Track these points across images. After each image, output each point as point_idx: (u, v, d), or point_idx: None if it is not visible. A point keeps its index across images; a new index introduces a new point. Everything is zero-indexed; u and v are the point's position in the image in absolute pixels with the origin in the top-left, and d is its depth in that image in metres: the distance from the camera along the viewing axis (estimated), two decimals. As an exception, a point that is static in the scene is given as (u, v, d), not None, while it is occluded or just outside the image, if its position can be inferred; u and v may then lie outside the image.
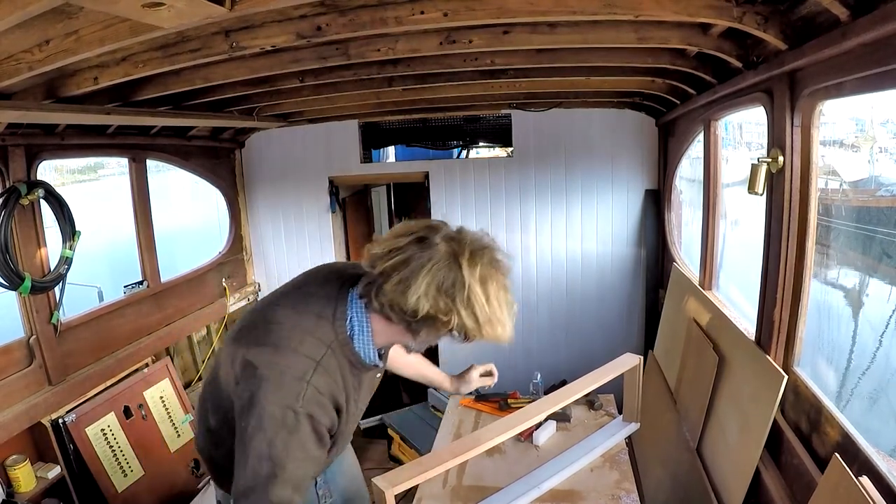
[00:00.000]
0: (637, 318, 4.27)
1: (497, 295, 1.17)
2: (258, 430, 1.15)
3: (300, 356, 1.19)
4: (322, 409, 1.20)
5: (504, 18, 1.76)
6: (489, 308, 1.14)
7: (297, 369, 1.18)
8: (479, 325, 1.15)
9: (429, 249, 1.14)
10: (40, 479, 2.59)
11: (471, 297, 1.13)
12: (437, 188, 4.31)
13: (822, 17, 1.51)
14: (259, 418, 1.15)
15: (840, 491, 1.39)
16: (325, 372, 1.21)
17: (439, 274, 1.13)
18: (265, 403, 1.15)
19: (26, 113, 2.13)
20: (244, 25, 1.80)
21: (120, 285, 3.41)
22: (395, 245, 1.17)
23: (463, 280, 1.12)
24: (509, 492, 1.93)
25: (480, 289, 1.14)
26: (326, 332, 1.24)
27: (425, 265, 1.13)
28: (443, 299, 1.12)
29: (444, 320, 1.14)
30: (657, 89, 3.19)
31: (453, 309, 1.13)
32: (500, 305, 1.17)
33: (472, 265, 1.14)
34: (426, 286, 1.12)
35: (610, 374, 2.07)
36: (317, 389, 1.18)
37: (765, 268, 2.09)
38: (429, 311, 1.13)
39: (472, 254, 1.15)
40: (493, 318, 1.16)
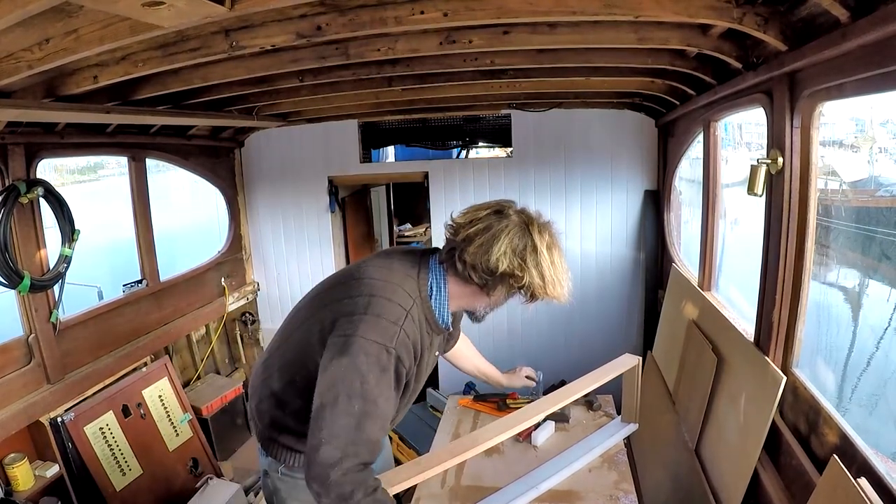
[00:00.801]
0: (636, 318, 4.27)
1: (559, 260, 1.40)
2: (352, 371, 1.24)
3: (394, 304, 1.34)
4: (408, 353, 1.33)
5: (504, 18, 1.76)
6: (553, 270, 1.37)
7: (392, 314, 1.32)
8: (545, 283, 1.36)
9: (505, 219, 1.36)
10: (39, 477, 2.59)
11: (540, 259, 1.34)
12: (436, 188, 4.31)
13: (822, 19, 1.51)
14: (354, 356, 1.25)
15: (838, 492, 1.39)
16: (412, 321, 1.35)
17: (515, 238, 1.34)
18: (363, 343, 1.26)
19: (26, 111, 2.13)
20: (244, 25, 1.79)
21: (119, 284, 3.41)
22: (475, 216, 1.40)
23: (535, 245, 1.34)
24: (508, 492, 1.93)
25: (547, 253, 1.36)
26: (412, 287, 1.40)
27: (504, 230, 1.34)
28: (518, 259, 1.33)
29: (518, 276, 1.34)
30: (657, 90, 3.19)
31: (526, 268, 1.33)
32: (561, 268, 1.40)
33: (542, 234, 1.37)
34: (505, 247, 1.32)
35: (609, 375, 2.07)
36: (406, 334, 1.32)
37: (764, 268, 2.09)
38: (506, 268, 1.32)
39: (540, 226, 1.38)
40: (556, 279, 1.39)
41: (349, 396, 1.22)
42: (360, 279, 1.41)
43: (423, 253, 1.51)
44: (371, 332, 1.28)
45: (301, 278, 4.53)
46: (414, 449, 3.71)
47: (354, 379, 1.23)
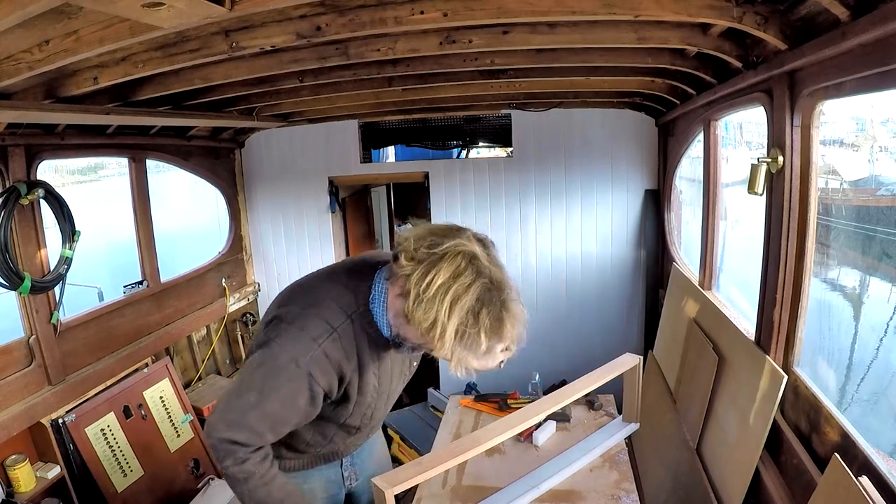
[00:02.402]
0: (637, 318, 4.27)
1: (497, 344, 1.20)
2: (260, 367, 1.28)
3: (320, 320, 1.28)
4: (322, 373, 1.28)
5: (504, 18, 1.76)
6: (461, 347, 1.18)
7: (314, 331, 1.27)
8: (451, 354, 1.20)
9: (451, 254, 1.17)
10: (40, 478, 2.59)
11: (460, 332, 1.15)
12: (436, 188, 4.31)
13: (821, 18, 1.51)
14: (265, 357, 1.27)
15: (840, 491, 1.39)
16: (339, 340, 1.29)
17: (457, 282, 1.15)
18: (277, 350, 1.26)
19: (26, 113, 2.13)
20: (244, 25, 1.79)
21: (120, 285, 3.41)
22: (423, 235, 1.22)
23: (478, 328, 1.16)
24: (509, 492, 1.93)
25: (486, 339, 1.17)
26: (349, 301, 1.32)
27: (444, 269, 1.15)
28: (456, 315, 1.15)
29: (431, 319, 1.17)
30: (657, 89, 3.19)
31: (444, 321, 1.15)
32: (471, 348, 1.18)
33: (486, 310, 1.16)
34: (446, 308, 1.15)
35: (609, 375, 2.06)
36: (325, 353, 1.27)
37: (764, 268, 2.09)
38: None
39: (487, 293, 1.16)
40: (460, 357, 1.21)
41: (249, 388, 1.28)
42: (302, 288, 1.38)
43: (374, 264, 1.39)
44: (287, 343, 1.26)
45: (301, 279, 4.53)
46: (415, 449, 3.70)
47: (259, 376, 1.28)
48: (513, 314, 1.19)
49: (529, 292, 4.35)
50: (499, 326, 1.17)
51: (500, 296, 1.17)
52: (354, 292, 1.32)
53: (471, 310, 1.13)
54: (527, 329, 1.26)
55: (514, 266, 4.33)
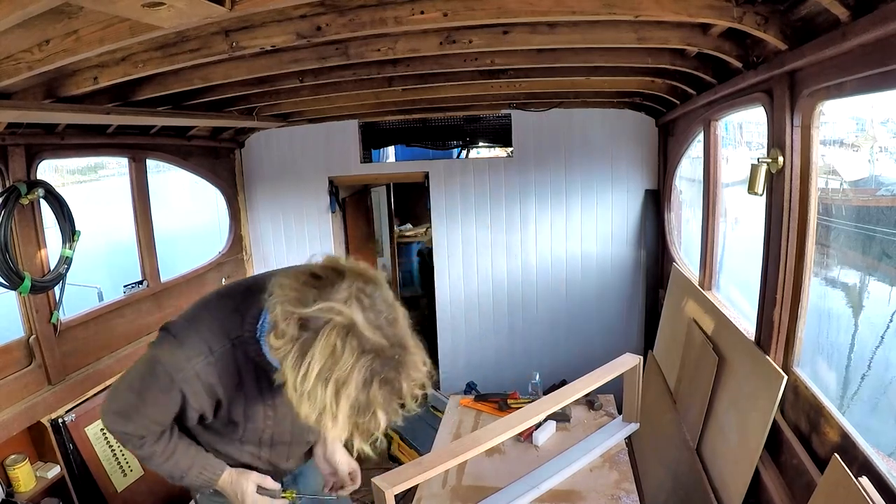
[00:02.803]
0: (637, 318, 4.28)
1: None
2: (141, 370, 1.28)
3: (199, 341, 1.23)
4: (193, 393, 1.24)
5: (504, 18, 1.76)
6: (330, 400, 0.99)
7: (190, 350, 1.22)
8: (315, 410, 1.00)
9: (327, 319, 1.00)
10: (40, 478, 2.59)
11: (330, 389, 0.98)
12: (436, 188, 4.31)
13: (821, 18, 1.51)
14: (147, 362, 1.27)
15: (840, 491, 1.39)
16: (214, 364, 1.22)
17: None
18: (155, 359, 1.24)
19: (26, 112, 2.13)
20: (244, 25, 1.79)
21: (119, 285, 3.41)
22: (292, 299, 1.03)
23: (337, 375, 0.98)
24: (509, 492, 1.93)
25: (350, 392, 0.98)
26: (234, 325, 1.24)
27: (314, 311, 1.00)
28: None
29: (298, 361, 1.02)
30: (657, 89, 3.19)
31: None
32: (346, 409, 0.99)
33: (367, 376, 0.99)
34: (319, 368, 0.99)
35: (610, 375, 2.07)
36: (197, 375, 1.22)
37: (764, 268, 2.10)
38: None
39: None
40: (363, 433, 1.03)
41: (129, 389, 1.30)
42: (204, 302, 1.32)
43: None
44: (164, 355, 1.23)
45: (301, 279, 4.53)
46: (415, 449, 3.70)
47: (138, 382, 1.28)
48: (408, 368, 1.03)
49: (529, 292, 4.36)
50: (397, 391, 1.02)
51: (391, 361, 1.00)
52: (243, 316, 1.23)
53: (359, 392, 0.98)
54: (426, 364, 1.08)
55: (514, 266, 4.34)
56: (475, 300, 4.44)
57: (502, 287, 4.39)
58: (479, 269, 4.40)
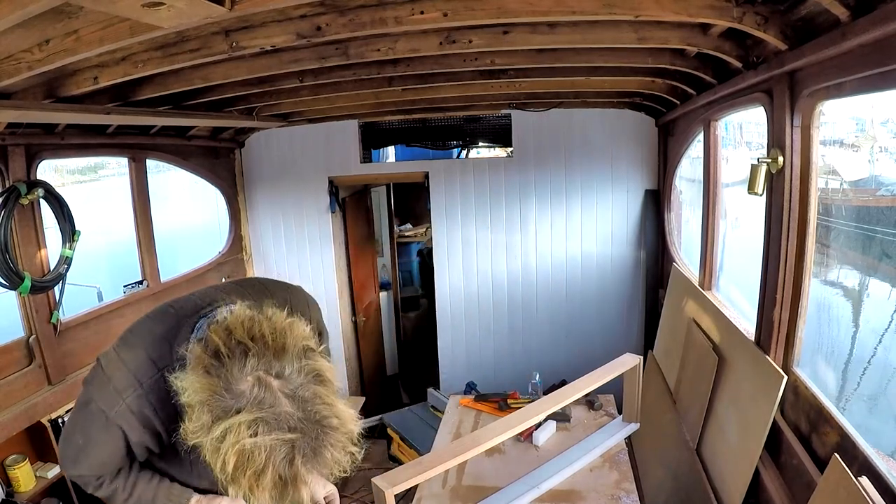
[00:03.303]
0: (637, 318, 4.28)
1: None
2: (79, 412, 1.24)
3: (128, 373, 1.17)
4: (131, 428, 1.19)
5: (504, 18, 1.76)
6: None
7: (119, 384, 1.17)
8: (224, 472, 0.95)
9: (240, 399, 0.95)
10: (40, 478, 2.59)
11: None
12: (436, 188, 4.32)
13: (821, 18, 1.51)
14: (83, 404, 1.22)
15: (840, 491, 1.39)
16: (146, 395, 1.17)
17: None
18: (88, 396, 1.21)
19: (26, 112, 2.12)
20: (244, 25, 1.80)
21: (119, 285, 3.41)
22: (202, 385, 0.97)
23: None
24: (509, 492, 1.93)
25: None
26: (163, 353, 1.18)
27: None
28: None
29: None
30: (657, 89, 3.20)
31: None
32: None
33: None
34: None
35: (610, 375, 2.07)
36: (129, 409, 1.17)
37: (764, 268, 2.10)
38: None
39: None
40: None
41: (72, 433, 1.25)
42: (127, 329, 1.26)
43: (203, 306, 1.23)
44: (95, 392, 1.19)
45: (302, 279, 4.53)
46: (415, 449, 3.71)
47: (77, 424, 1.25)
48: (330, 440, 0.97)
49: (529, 292, 4.36)
50: (319, 464, 0.97)
51: (309, 440, 0.95)
52: (171, 343, 1.16)
53: (277, 477, 0.94)
54: (356, 422, 1.03)
55: (514, 266, 4.34)
56: (475, 300, 4.44)
57: (502, 287, 4.39)
58: (479, 269, 4.40)
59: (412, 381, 5.58)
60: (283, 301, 1.25)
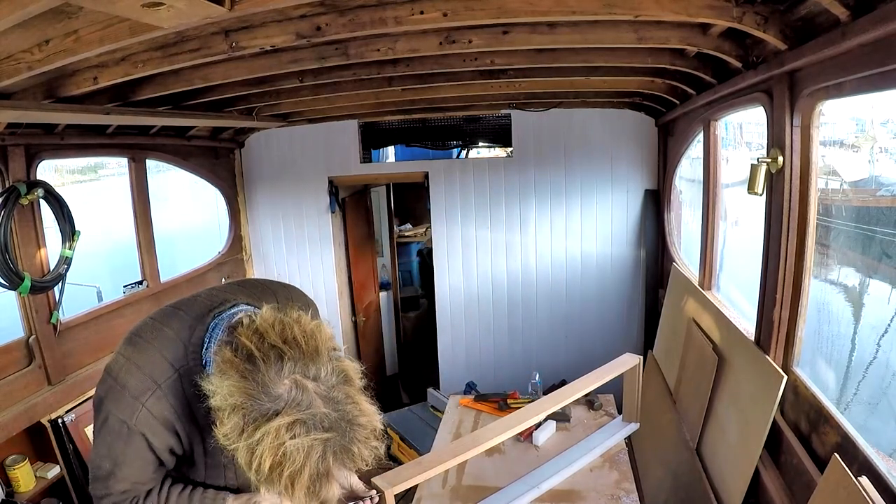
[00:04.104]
0: (637, 318, 4.28)
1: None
2: (100, 433, 1.19)
3: (143, 376, 1.15)
4: (154, 433, 1.17)
5: (504, 18, 1.76)
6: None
7: (136, 388, 1.15)
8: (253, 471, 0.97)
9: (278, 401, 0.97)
10: (40, 478, 2.59)
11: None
12: (436, 188, 4.32)
13: (821, 18, 1.51)
14: (101, 423, 1.18)
15: (840, 491, 1.39)
16: (166, 397, 1.15)
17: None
18: (105, 412, 1.17)
19: (26, 113, 2.12)
20: (244, 25, 1.80)
21: (119, 285, 3.41)
22: (236, 379, 0.98)
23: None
24: (509, 492, 1.93)
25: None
26: (177, 354, 1.17)
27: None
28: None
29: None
30: (657, 89, 3.20)
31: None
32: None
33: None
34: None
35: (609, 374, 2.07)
36: (150, 413, 1.15)
37: (764, 268, 2.10)
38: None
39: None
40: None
41: (100, 456, 1.21)
42: (133, 334, 1.23)
43: (214, 306, 1.22)
44: (112, 404, 1.15)
45: (302, 279, 4.53)
46: (415, 449, 3.71)
47: (102, 443, 1.20)
48: (359, 436, 1.00)
49: (529, 292, 4.36)
50: (349, 459, 1.00)
51: (341, 438, 0.98)
52: (185, 344, 1.16)
53: (313, 476, 0.96)
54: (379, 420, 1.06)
55: (514, 266, 4.34)
56: (475, 300, 4.44)
57: (502, 287, 4.39)
58: (479, 269, 4.40)
59: (412, 381, 5.58)
60: (286, 300, 1.26)
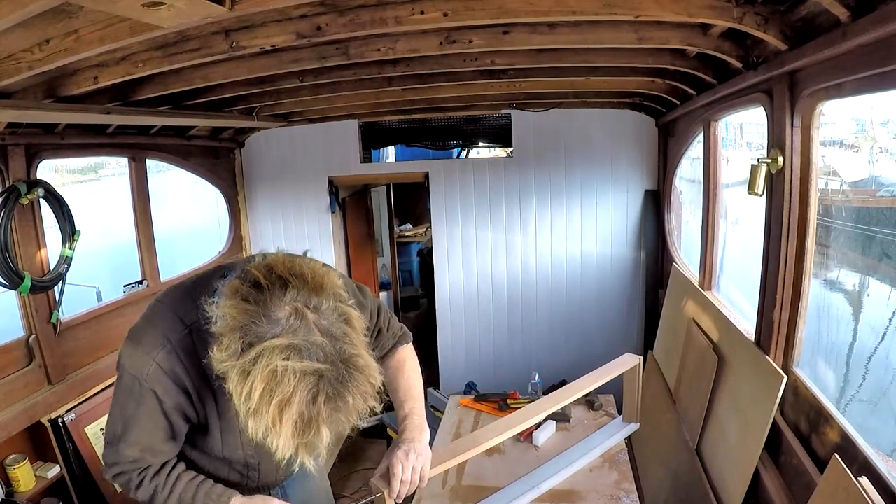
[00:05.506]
0: (637, 318, 4.28)
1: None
2: (115, 394, 1.23)
3: (157, 332, 1.18)
4: (164, 390, 1.18)
5: (504, 18, 1.76)
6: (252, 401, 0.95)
7: (148, 344, 1.17)
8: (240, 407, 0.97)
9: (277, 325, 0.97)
10: (40, 478, 2.59)
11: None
12: (436, 188, 4.32)
13: (822, 18, 1.51)
14: (117, 383, 1.22)
15: (839, 491, 1.39)
16: (176, 352, 1.17)
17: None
18: (121, 370, 1.20)
19: (26, 112, 2.13)
20: (244, 25, 1.80)
21: (119, 285, 3.41)
22: (238, 312, 0.99)
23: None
24: (509, 492, 1.93)
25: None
26: (189, 312, 1.17)
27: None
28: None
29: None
30: (657, 89, 3.20)
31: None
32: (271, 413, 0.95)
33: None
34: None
35: (609, 375, 2.06)
36: (160, 368, 1.16)
37: (764, 268, 2.10)
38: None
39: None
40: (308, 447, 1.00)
41: (113, 417, 1.24)
42: (156, 299, 1.27)
43: (228, 267, 1.22)
44: (127, 361, 1.18)
45: (301, 278, 4.53)
46: (414, 449, 3.70)
47: (115, 404, 1.23)
48: (355, 383, 0.98)
49: (529, 292, 4.36)
50: (342, 407, 0.98)
51: (336, 379, 0.97)
52: (196, 301, 1.13)
53: (302, 412, 0.95)
54: (378, 377, 1.04)
55: (514, 266, 4.34)
56: (475, 300, 4.44)
57: (502, 287, 4.39)
58: (479, 269, 4.40)
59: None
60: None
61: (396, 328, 1.66)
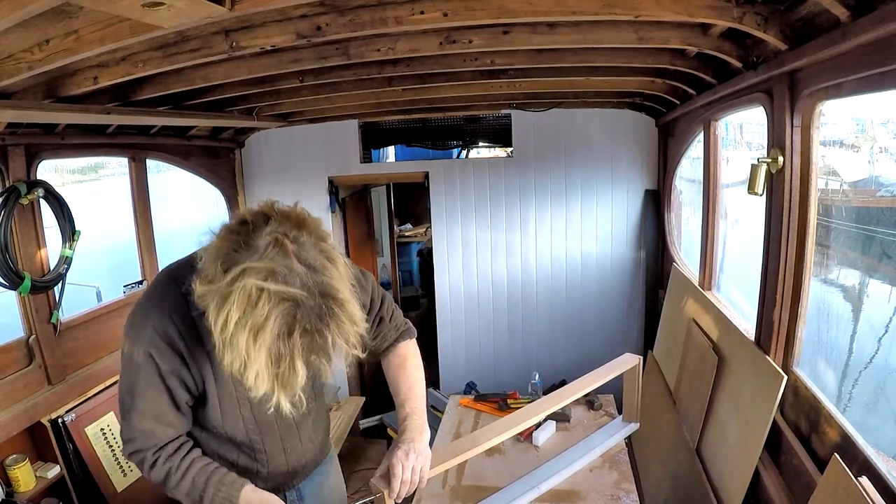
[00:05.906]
0: (637, 318, 4.28)
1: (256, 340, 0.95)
2: (121, 366, 1.24)
3: (155, 298, 1.22)
4: (159, 352, 1.18)
5: (504, 18, 1.76)
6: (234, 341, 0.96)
7: (146, 310, 1.21)
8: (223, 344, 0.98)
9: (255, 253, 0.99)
10: (40, 478, 2.59)
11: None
12: (436, 188, 4.32)
13: (822, 18, 1.51)
14: (121, 353, 1.24)
15: (839, 491, 1.39)
16: (169, 315, 1.18)
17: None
18: (124, 341, 1.22)
19: (26, 112, 2.13)
20: (244, 25, 1.80)
21: (119, 285, 3.41)
22: (220, 249, 1.03)
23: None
24: (509, 492, 1.93)
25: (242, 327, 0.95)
26: (183, 273, 1.17)
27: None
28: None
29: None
30: (657, 89, 3.20)
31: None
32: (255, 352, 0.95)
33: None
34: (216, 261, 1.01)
35: (609, 374, 2.06)
36: (154, 331, 1.18)
37: (764, 268, 2.10)
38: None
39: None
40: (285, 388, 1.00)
41: (122, 390, 1.26)
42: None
43: None
44: (127, 330, 1.22)
45: (301, 279, 4.53)
46: (415, 449, 3.70)
47: (122, 377, 1.25)
48: (335, 320, 0.98)
49: (529, 292, 4.36)
50: (319, 344, 0.98)
51: (314, 311, 0.96)
52: (192, 264, 1.12)
53: (276, 340, 0.95)
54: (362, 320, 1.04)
55: (514, 266, 4.34)
56: (475, 300, 4.44)
57: (502, 287, 4.39)
58: (479, 268, 4.40)
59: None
60: None
61: (400, 321, 1.66)
